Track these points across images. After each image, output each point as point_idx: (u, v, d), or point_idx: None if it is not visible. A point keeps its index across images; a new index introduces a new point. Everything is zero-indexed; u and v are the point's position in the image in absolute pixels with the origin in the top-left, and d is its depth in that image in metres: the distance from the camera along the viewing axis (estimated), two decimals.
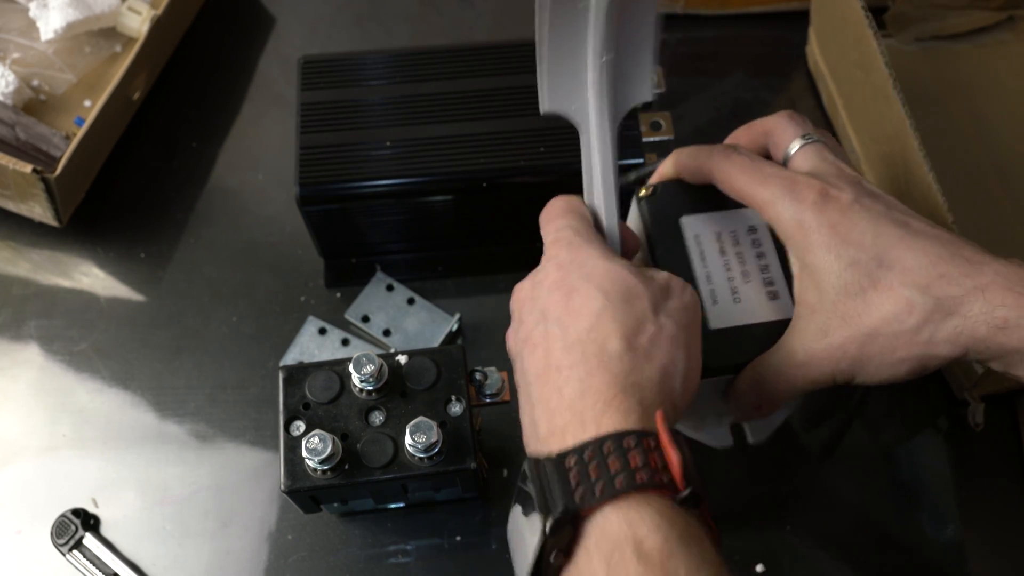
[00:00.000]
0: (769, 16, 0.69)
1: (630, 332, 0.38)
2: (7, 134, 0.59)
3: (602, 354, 0.38)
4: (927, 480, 0.54)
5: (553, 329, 0.39)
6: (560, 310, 0.40)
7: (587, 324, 0.39)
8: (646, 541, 0.33)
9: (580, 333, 0.38)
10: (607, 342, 0.38)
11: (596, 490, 0.34)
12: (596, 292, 0.39)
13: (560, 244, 0.42)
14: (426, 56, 0.57)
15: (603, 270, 0.40)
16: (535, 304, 0.41)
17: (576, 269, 0.40)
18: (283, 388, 0.46)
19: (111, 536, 0.53)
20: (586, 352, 0.38)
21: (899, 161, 0.56)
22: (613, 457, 0.35)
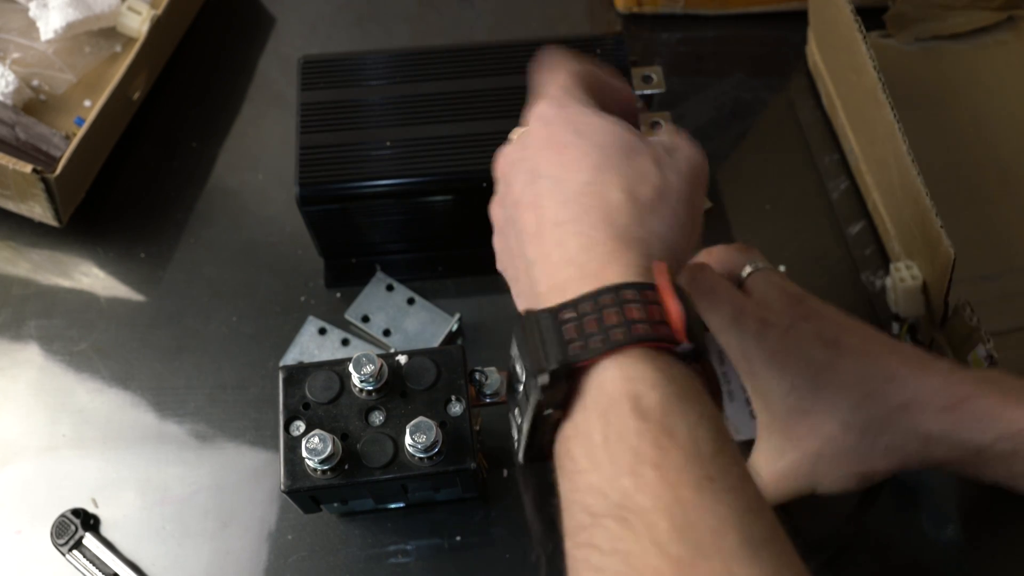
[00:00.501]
0: (769, 16, 0.69)
1: (632, 185, 0.37)
2: (7, 134, 0.59)
3: (605, 206, 0.36)
4: (927, 480, 0.54)
5: (547, 185, 0.37)
6: (554, 166, 0.38)
7: (585, 177, 0.37)
8: (644, 397, 0.32)
9: (579, 186, 0.37)
10: (609, 194, 0.36)
11: (592, 343, 0.33)
12: (591, 146, 0.38)
13: (547, 101, 0.40)
14: (426, 56, 0.57)
15: (597, 125, 0.38)
16: (524, 164, 0.39)
17: (566, 125, 0.39)
18: (283, 388, 0.46)
19: (111, 536, 0.53)
20: (586, 205, 0.36)
21: (891, 163, 0.56)
22: (611, 310, 0.33)
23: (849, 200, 0.63)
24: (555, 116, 0.39)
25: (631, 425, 0.31)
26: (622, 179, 0.37)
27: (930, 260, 0.54)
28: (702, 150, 0.40)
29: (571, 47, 0.57)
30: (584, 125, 0.39)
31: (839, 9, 0.58)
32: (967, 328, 0.51)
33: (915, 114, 0.63)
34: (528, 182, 0.38)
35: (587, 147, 0.37)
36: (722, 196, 0.63)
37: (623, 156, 0.37)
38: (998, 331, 0.54)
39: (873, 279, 0.60)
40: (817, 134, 0.65)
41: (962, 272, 0.53)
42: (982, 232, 0.60)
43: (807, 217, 0.62)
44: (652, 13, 0.69)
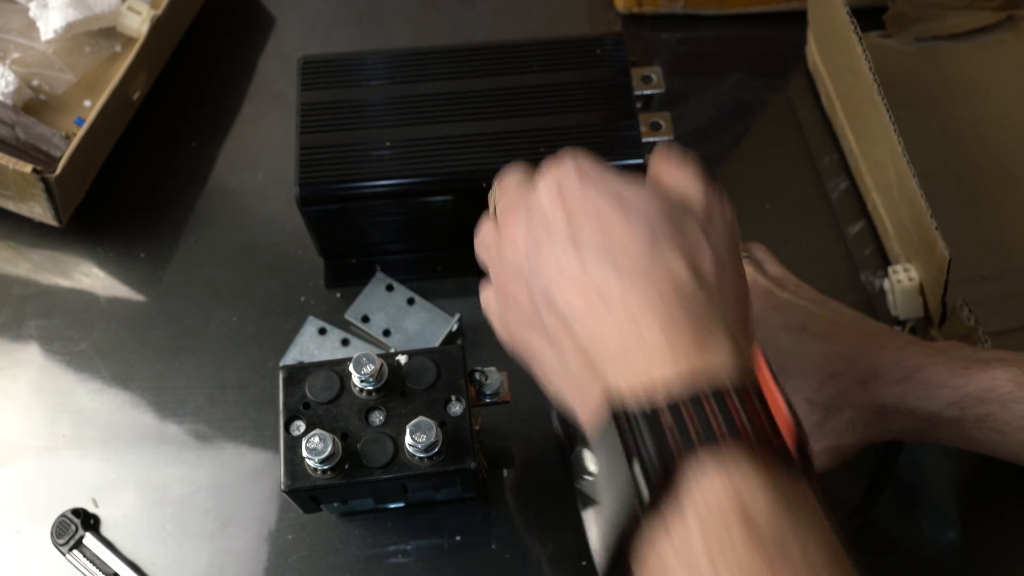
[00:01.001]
0: (769, 16, 0.69)
1: (692, 259, 0.34)
2: (7, 134, 0.59)
3: (674, 285, 0.33)
4: (927, 480, 0.54)
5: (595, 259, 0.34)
6: (599, 237, 0.34)
7: (641, 251, 0.34)
8: (754, 512, 0.29)
9: (637, 262, 0.33)
10: (673, 271, 0.33)
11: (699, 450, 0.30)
12: (636, 216, 0.34)
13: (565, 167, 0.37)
14: (426, 56, 0.57)
15: (635, 192, 0.35)
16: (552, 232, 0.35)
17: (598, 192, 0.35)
18: (283, 388, 0.46)
19: (111, 536, 0.53)
20: (654, 282, 0.33)
21: (888, 164, 0.56)
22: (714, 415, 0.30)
23: (849, 200, 0.63)
24: (581, 183, 0.36)
25: (739, 540, 0.28)
26: (680, 254, 0.34)
27: (927, 261, 0.54)
28: (731, 204, 0.38)
29: (571, 47, 0.57)
30: (620, 192, 0.35)
31: (836, 10, 0.58)
32: (965, 328, 0.51)
33: (914, 114, 0.63)
34: (565, 253, 0.35)
35: (632, 218, 0.34)
36: None
37: (673, 227, 0.35)
38: (997, 331, 0.54)
39: (873, 279, 0.60)
40: (817, 134, 0.65)
41: (961, 272, 0.53)
42: (981, 232, 0.60)
43: (807, 217, 0.62)
44: (652, 13, 0.69)
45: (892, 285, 0.57)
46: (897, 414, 0.44)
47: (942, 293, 0.52)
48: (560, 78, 0.56)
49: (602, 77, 0.56)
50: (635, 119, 0.55)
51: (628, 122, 0.55)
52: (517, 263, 0.37)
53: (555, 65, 0.57)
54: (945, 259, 0.50)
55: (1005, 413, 0.42)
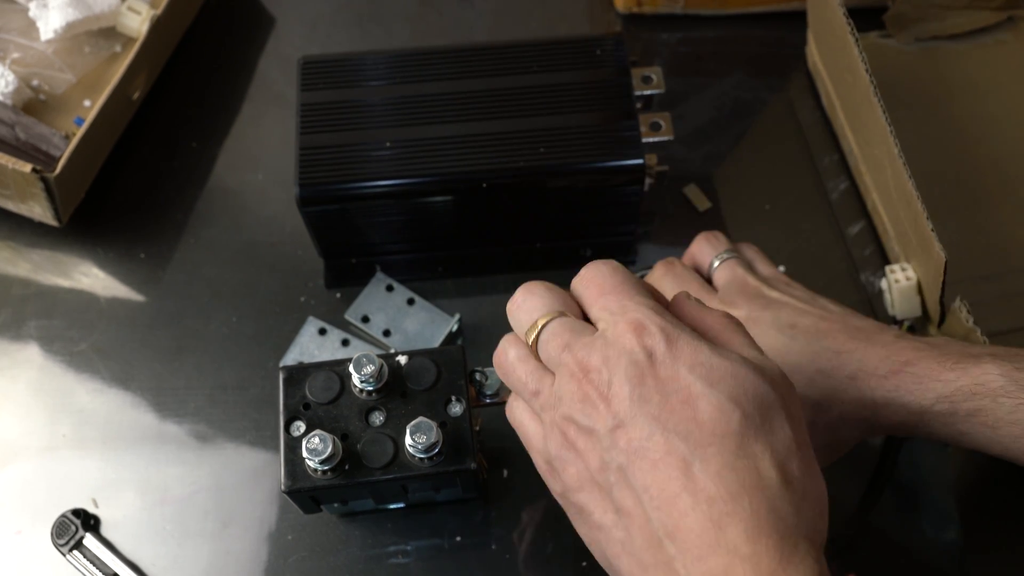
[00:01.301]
0: (768, 16, 0.69)
1: (782, 458, 0.32)
2: (7, 134, 0.59)
3: (762, 488, 0.31)
4: (927, 480, 0.54)
5: (681, 446, 0.32)
6: (686, 422, 0.33)
7: (731, 446, 0.32)
8: None
9: (726, 455, 0.32)
10: (763, 472, 0.32)
11: None
12: (726, 401, 0.33)
13: (648, 331, 0.34)
14: (426, 56, 0.57)
15: (725, 370, 0.33)
16: (636, 404, 0.33)
17: (687, 370, 0.33)
18: (283, 388, 0.46)
19: (111, 536, 0.53)
20: (743, 482, 0.31)
21: (886, 164, 0.56)
22: None
23: (848, 200, 0.63)
24: (668, 353, 0.34)
25: None
26: (771, 451, 0.32)
27: (924, 262, 0.54)
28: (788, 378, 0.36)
29: (571, 47, 0.57)
30: (709, 369, 0.33)
31: (833, 11, 0.58)
32: (964, 329, 0.51)
33: (914, 114, 0.63)
34: (651, 430, 0.33)
35: (722, 403, 0.33)
36: (721, 196, 0.63)
37: (763, 416, 0.33)
38: (997, 331, 0.54)
39: (872, 279, 0.60)
40: (817, 134, 0.65)
41: (961, 272, 0.53)
42: (980, 232, 0.60)
43: (807, 217, 0.62)
44: (652, 13, 0.69)
45: (890, 285, 0.57)
46: (888, 408, 0.44)
47: (940, 294, 0.52)
48: (560, 78, 0.56)
49: (602, 77, 0.56)
50: (635, 119, 0.55)
51: (628, 122, 0.55)
52: (590, 424, 0.35)
53: (555, 65, 0.57)
54: (942, 260, 0.50)
55: (996, 408, 0.42)
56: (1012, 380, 0.42)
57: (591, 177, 0.55)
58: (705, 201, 0.63)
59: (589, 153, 0.54)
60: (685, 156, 0.64)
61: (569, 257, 0.61)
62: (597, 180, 0.55)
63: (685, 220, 0.62)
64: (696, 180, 0.63)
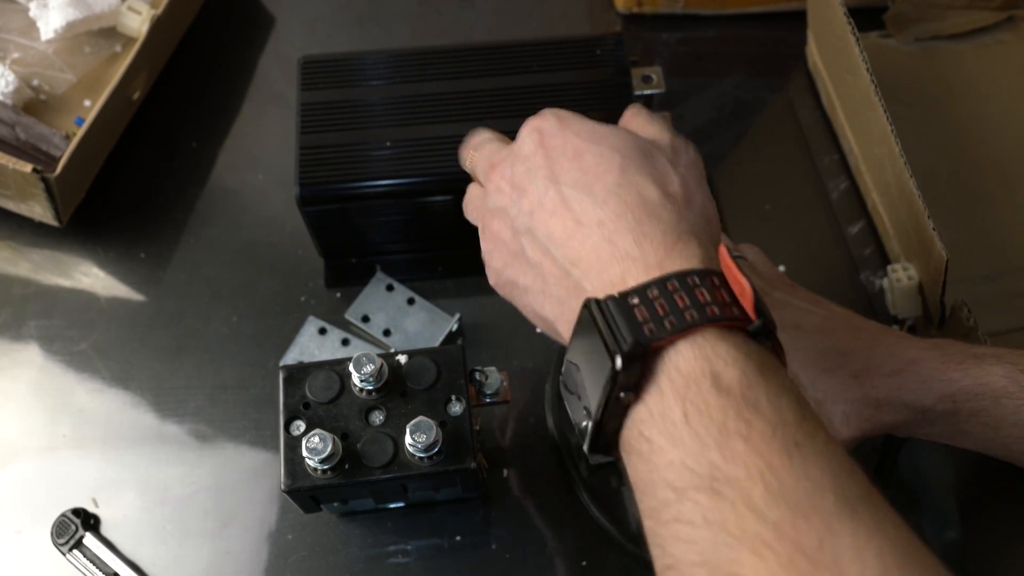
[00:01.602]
0: (768, 16, 0.69)
1: (660, 183, 0.38)
2: (7, 134, 0.59)
3: (645, 204, 0.37)
4: (927, 480, 0.54)
5: (572, 190, 0.38)
6: (574, 172, 0.38)
7: (614, 179, 0.37)
8: (723, 374, 0.32)
9: (610, 187, 0.37)
10: (644, 192, 0.37)
11: (666, 324, 0.33)
12: (608, 150, 0.38)
13: (542, 115, 0.41)
14: (426, 56, 0.57)
15: (606, 131, 0.40)
16: (536, 173, 0.39)
17: (574, 135, 0.40)
18: (283, 388, 0.46)
19: (111, 536, 0.53)
20: (627, 202, 0.37)
21: (887, 164, 0.56)
22: (680, 294, 0.33)
23: (849, 200, 0.63)
24: (558, 126, 0.40)
25: (713, 401, 0.31)
26: (650, 179, 0.38)
27: (925, 262, 0.54)
28: (696, 149, 0.42)
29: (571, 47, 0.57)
30: (592, 132, 0.39)
31: (834, 11, 0.58)
32: (965, 328, 0.51)
33: (914, 114, 0.63)
34: (545, 189, 0.39)
35: (604, 151, 0.38)
36: (722, 196, 0.63)
37: (642, 158, 0.38)
38: (997, 331, 0.54)
39: (873, 279, 0.60)
40: (817, 134, 0.65)
41: (961, 272, 0.53)
42: (981, 232, 0.60)
43: (807, 217, 0.62)
44: (652, 13, 0.69)
45: (891, 284, 0.57)
46: (890, 407, 0.45)
47: (940, 293, 0.52)
48: (560, 78, 0.56)
49: (602, 77, 0.56)
50: None
51: None
52: (502, 206, 0.41)
53: (555, 65, 0.57)
54: (943, 260, 0.50)
55: (998, 408, 0.43)
56: (1015, 381, 0.43)
57: None
58: None
59: None
60: None
61: None
62: None
63: None
64: None
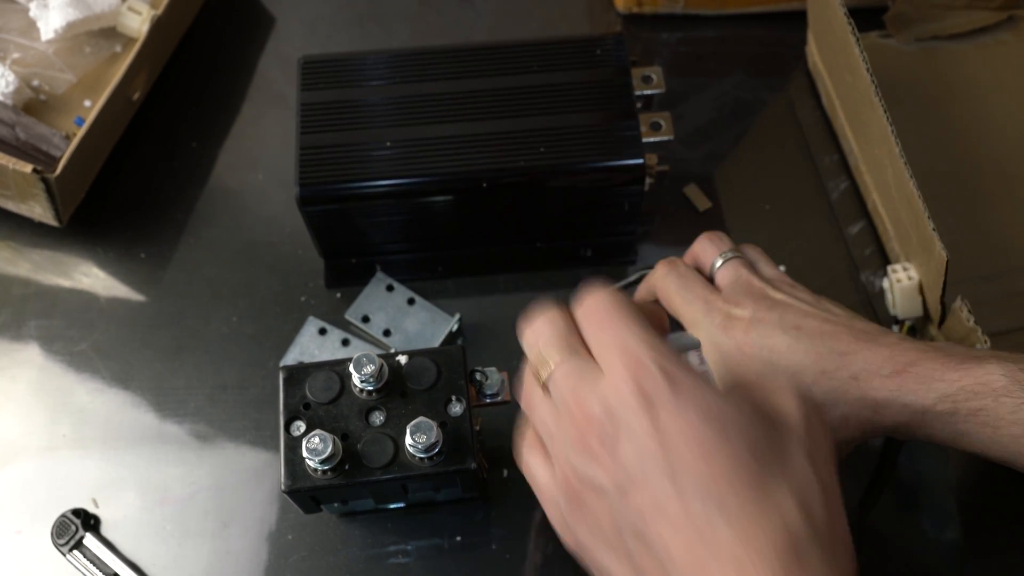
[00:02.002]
0: (769, 16, 0.69)
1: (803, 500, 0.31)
2: (7, 134, 0.59)
3: (788, 534, 0.30)
4: (927, 480, 0.54)
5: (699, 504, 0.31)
6: (701, 470, 0.31)
7: (752, 495, 0.30)
8: None
9: (747, 508, 0.30)
10: (787, 516, 0.30)
11: None
12: (741, 446, 0.31)
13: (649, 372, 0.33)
14: (426, 56, 0.57)
15: (730, 413, 0.32)
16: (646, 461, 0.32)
17: (694, 413, 0.32)
18: (283, 388, 0.46)
19: (111, 536, 0.53)
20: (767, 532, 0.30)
21: (887, 165, 0.56)
22: None
23: (849, 200, 0.63)
24: (673, 397, 0.32)
25: None
26: (791, 492, 0.31)
27: (925, 262, 0.54)
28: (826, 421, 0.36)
29: (571, 47, 0.57)
30: (716, 412, 0.32)
31: (834, 10, 0.58)
32: (965, 329, 0.51)
33: (914, 114, 0.63)
34: (663, 491, 0.31)
35: (736, 449, 0.31)
36: (722, 196, 0.63)
37: (778, 458, 0.32)
38: (997, 331, 0.54)
39: (873, 279, 0.60)
40: (817, 134, 0.65)
41: (961, 272, 0.53)
42: (981, 232, 0.60)
43: (807, 217, 0.62)
44: (652, 13, 0.69)
45: (891, 284, 0.57)
46: (890, 408, 0.44)
47: (941, 293, 0.52)
48: (560, 78, 0.56)
49: (602, 77, 0.56)
50: (635, 119, 0.55)
51: (628, 122, 0.55)
52: (598, 483, 0.34)
53: (555, 65, 0.57)
54: (943, 260, 0.50)
55: (998, 407, 0.42)
56: (1015, 380, 0.42)
57: (591, 177, 0.55)
58: (705, 201, 0.63)
59: (589, 153, 0.54)
60: (685, 156, 0.64)
61: (569, 257, 0.61)
62: (597, 180, 0.55)
63: (685, 220, 0.62)
64: (696, 180, 0.63)
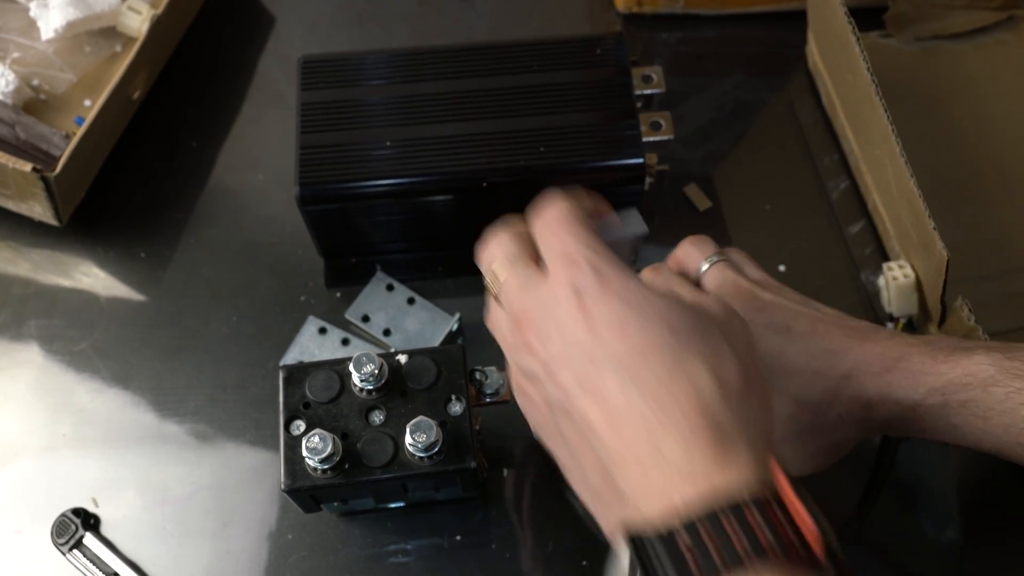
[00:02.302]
0: (769, 16, 0.69)
1: (717, 369, 0.33)
2: (7, 133, 0.59)
3: (698, 398, 0.32)
4: (927, 480, 0.54)
5: (615, 373, 0.33)
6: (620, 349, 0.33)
7: (664, 363, 0.33)
8: None
9: (660, 373, 0.33)
10: (698, 381, 0.33)
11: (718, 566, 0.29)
12: (659, 326, 0.34)
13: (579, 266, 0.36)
14: (426, 56, 0.57)
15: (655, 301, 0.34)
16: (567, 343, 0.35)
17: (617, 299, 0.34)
18: (283, 388, 0.46)
19: (111, 536, 0.53)
20: (677, 396, 0.32)
21: (887, 165, 0.56)
22: (736, 532, 0.30)
23: (849, 200, 0.63)
24: (599, 286, 0.35)
25: None
26: (706, 363, 0.33)
27: (926, 261, 0.54)
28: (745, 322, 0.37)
29: (571, 47, 0.57)
30: (638, 298, 0.34)
31: (834, 10, 0.58)
32: (965, 328, 0.51)
33: (914, 114, 0.63)
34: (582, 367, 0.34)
35: (653, 327, 0.34)
36: (721, 196, 0.63)
37: (698, 336, 0.34)
38: (997, 331, 0.54)
39: (873, 279, 0.60)
40: (817, 134, 0.65)
41: (961, 272, 0.53)
42: (981, 232, 0.60)
43: (807, 217, 0.62)
44: (652, 13, 0.69)
45: (887, 282, 0.57)
46: (882, 405, 0.44)
47: (941, 293, 0.52)
48: (560, 78, 0.56)
49: (602, 77, 0.56)
50: (635, 119, 0.55)
51: (628, 121, 0.55)
52: (532, 371, 0.37)
53: (555, 65, 0.57)
54: (944, 259, 0.50)
55: (987, 398, 0.42)
56: (1002, 369, 0.42)
57: (591, 176, 0.55)
58: (705, 201, 0.63)
59: (589, 152, 0.54)
60: (685, 156, 0.64)
61: None
62: (597, 179, 0.55)
63: (685, 220, 0.62)
64: (696, 180, 0.63)
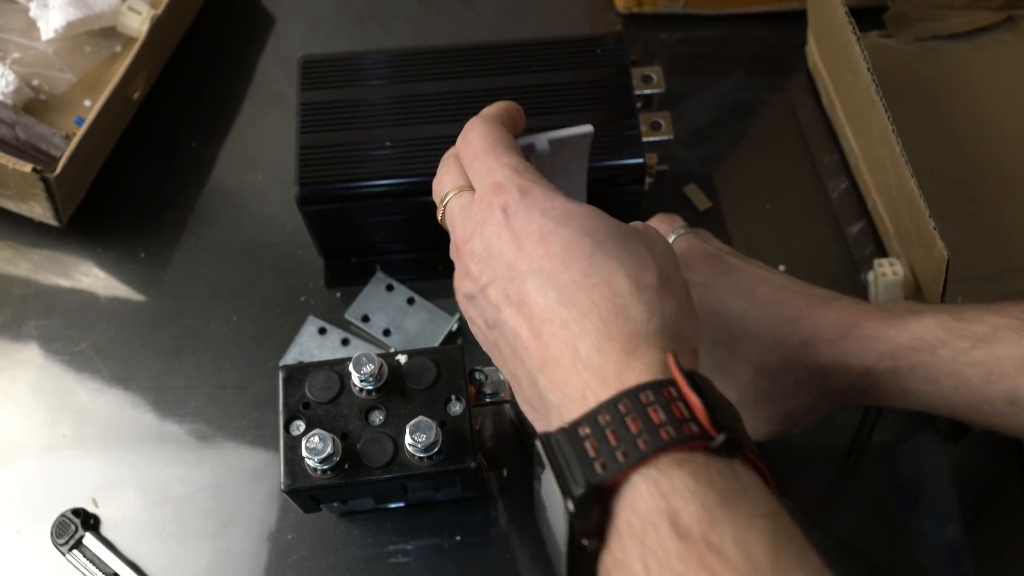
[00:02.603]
0: (769, 16, 0.69)
1: (634, 271, 0.34)
2: (7, 134, 0.59)
3: (613, 298, 0.33)
4: (927, 480, 0.54)
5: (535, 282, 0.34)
6: (539, 259, 0.34)
7: (582, 268, 0.34)
8: (682, 512, 0.28)
9: (577, 279, 0.33)
10: (614, 284, 0.33)
11: (618, 456, 0.30)
12: (578, 233, 0.34)
13: (505, 189, 0.37)
14: (426, 56, 0.57)
15: (574, 210, 0.35)
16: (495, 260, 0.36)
17: (540, 214, 0.35)
18: (283, 388, 0.46)
19: (111, 536, 0.53)
20: (595, 300, 0.33)
21: (887, 165, 0.56)
22: (632, 416, 0.30)
23: (849, 200, 0.63)
24: (523, 204, 0.36)
25: (672, 548, 0.28)
26: (623, 266, 0.34)
27: (926, 261, 0.54)
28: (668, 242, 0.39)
29: (571, 47, 0.57)
30: (562, 211, 0.35)
31: (834, 10, 0.58)
32: None
33: (914, 114, 0.63)
34: (507, 281, 0.35)
35: (573, 235, 0.34)
36: (721, 196, 0.63)
37: (615, 242, 0.35)
38: None
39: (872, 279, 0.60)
40: (817, 134, 0.65)
41: (961, 272, 0.53)
42: (981, 232, 0.60)
43: (807, 217, 0.62)
44: (652, 13, 0.69)
45: (876, 277, 0.57)
46: (836, 373, 0.44)
47: (941, 293, 0.52)
48: (560, 78, 0.56)
49: (602, 77, 0.56)
50: (635, 118, 0.55)
51: (628, 121, 0.55)
52: (470, 293, 0.38)
53: (555, 65, 0.57)
54: (944, 259, 0.50)
55: (935, 360, 0.41)
56: (950, 331, 0.41)
57: (591, 176, 0.54)
58: (705, 201, 0.63)
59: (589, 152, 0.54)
60: (685, 156, 0.64)
61: None
62: (597, 179, 0.55)
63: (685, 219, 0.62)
64: (696, 180, 0.63)
